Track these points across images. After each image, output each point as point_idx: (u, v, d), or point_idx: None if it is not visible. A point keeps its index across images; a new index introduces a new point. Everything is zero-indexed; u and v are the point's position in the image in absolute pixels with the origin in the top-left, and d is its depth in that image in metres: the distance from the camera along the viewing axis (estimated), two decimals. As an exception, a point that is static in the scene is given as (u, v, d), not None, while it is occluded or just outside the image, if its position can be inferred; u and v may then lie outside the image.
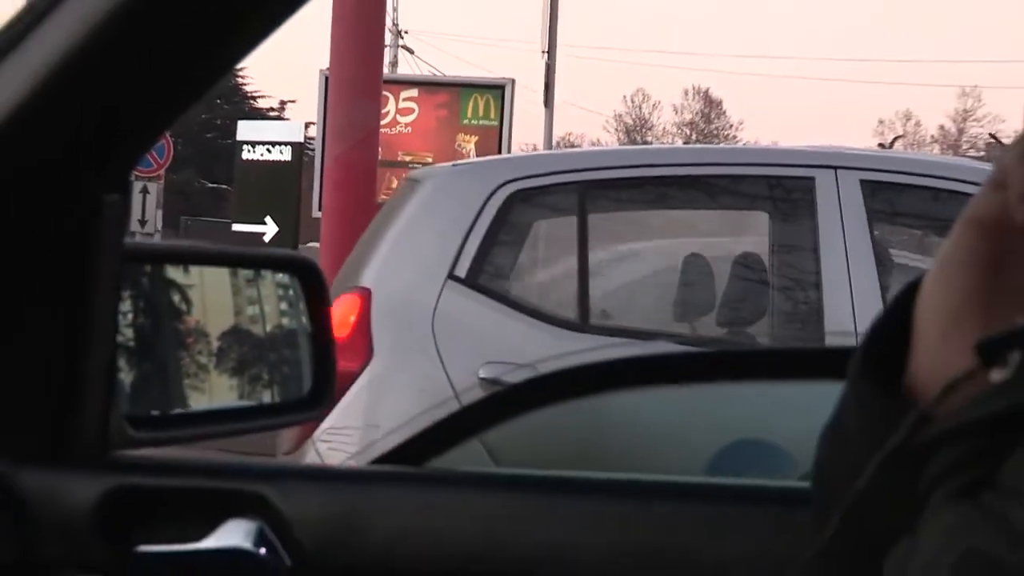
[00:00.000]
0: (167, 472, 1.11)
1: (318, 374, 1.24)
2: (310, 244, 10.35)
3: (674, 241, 4.41)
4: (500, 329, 3.37)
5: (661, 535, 1.00)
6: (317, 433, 3.14)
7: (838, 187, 3.44)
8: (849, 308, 3.41)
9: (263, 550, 0.99)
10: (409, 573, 1.04)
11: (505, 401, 1.64)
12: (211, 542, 0.98)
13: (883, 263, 3.56)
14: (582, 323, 3.44)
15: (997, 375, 0.46)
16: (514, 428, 1.59)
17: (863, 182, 3.44)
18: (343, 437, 3.12)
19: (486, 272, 3.43)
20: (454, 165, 4.59)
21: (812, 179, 3.47)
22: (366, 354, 3.23)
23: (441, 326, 3.26)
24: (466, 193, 3.52)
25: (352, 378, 3.16)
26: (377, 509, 1.08)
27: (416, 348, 3.28)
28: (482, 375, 3.11)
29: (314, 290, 1.22)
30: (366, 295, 3.30)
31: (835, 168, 3.49)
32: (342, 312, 3.23)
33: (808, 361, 1.79)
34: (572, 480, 1.18)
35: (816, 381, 1.37)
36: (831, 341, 3.43)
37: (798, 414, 1.58)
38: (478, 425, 1.49)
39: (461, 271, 3.33)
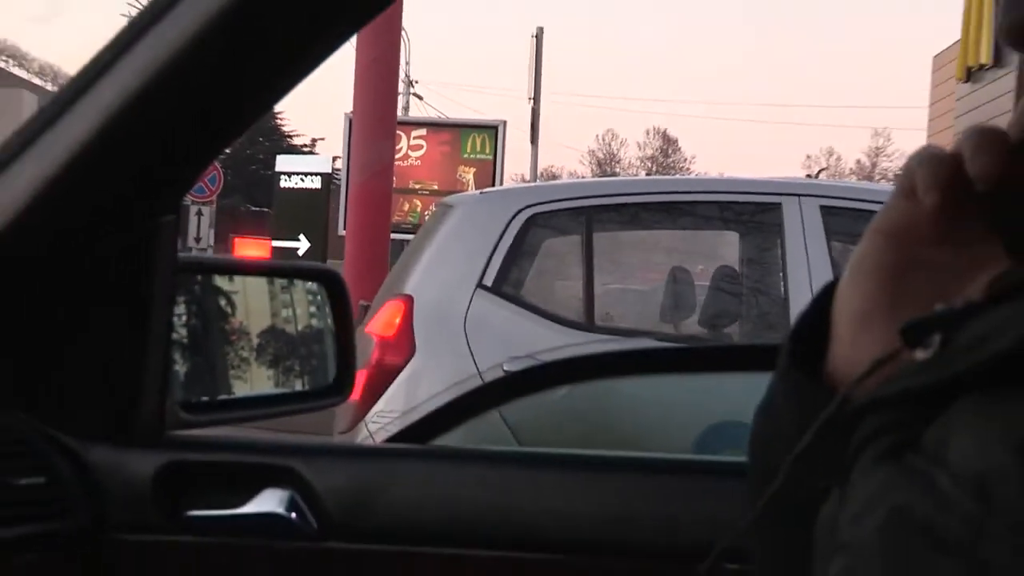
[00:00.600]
0: (213, 449, 1.21)
1: (341, 366, 1.37)
2: (335, 260, 11.47)
3: (657, 256, 4.88)
4: (521, 329, 3.75)
5: (648, 504, 1.09)
6: (368, 416, 3.52)
7: (802, 209, 3.88)
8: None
9: (294, 515, 1.10)
10: (417, 534, 1.13)
11: (495, 388, 1.96)
12: (249, 508, 1.10)
13: (839, 273, 3.96)
14: (589, 324, 3.87)
15: (921, 354, 0.49)
16: (535, 408, 1.97)
17: (822, 207, 3.88)
18: (389, 419, 3.45)
19: (509, 282, 3.84)
20: (481, 193, 5.06)
21: (778, 204, 3.92)
22: (409, 351, 3.66)
23: (471, 327, 3.67)
24: (491, 217, 3.96)
25: (397, 371, 3.63)
26: (390, 481, 1.17)
27: (450, 346, 3.68)
28: (506, 368, 3.43)
29: (338, 296, 1.37)
30: (409, 301, 3.73)
31: (799, 196, 3.95)
32: (389, 315, 3.75)
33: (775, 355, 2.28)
34: (555, 456, 1.29)
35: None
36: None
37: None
38: (472, 410, 1.68)
39: (488, 281, 3.75)
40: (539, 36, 16.43)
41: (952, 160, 0.54)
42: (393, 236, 7.96)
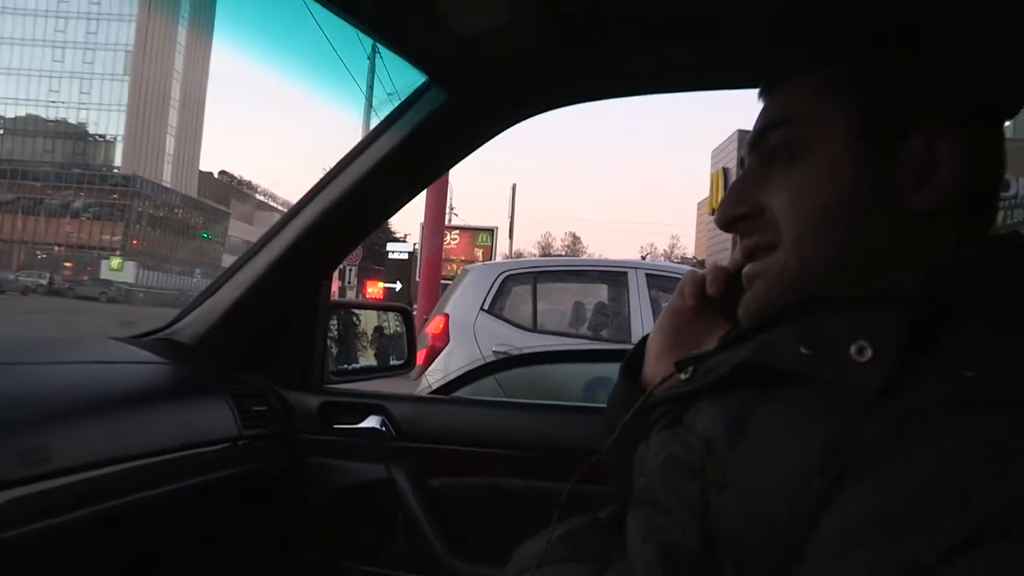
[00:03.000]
0: (347, 395, 1.65)
1: (408, 353, 1.93)
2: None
3: (569, 296, 6.48)
4: (501, 330, 5.40)
5: (571, 427, 1.47)
6: (426, 373, 5.09)
7: (637, 276, 5.68)
8: (640, 330, 5.18)
9: (383, 428, 1.58)
10: (441, 438, 1.56)
11: (485, 368, 2.52)
12: (363, 424, 1.60)
13: (656, 311, 5.37)
14: (534, 328, 5.56)
15: (683, 376, 0.76)
16: (512, 376, 2.55)
17: (647, 274, 5.70)
18: (433, 377, 4.91)
19: (496, 307, 5.53)
20: (483, 264, 6.70)
21: (626, 272, 5.75)
22: (446, 341, 5.36)
23: (478, 330, 5.36)
24: (487, 275, 5.71)
25: (440, 351, 5.31)
26: (429, 412, 1.60)
27: (467, 339, 5.30)
28: (494, 349, 5.12)
29: (408, 319, 1.94)
30: (447, 316, 5.50)
31: (636, 269, 5.78)
32: (437, 322, 5.47)
33: (623, 352, 2.25)
34: (516, 403, 1.64)
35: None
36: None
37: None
38: (478, 376, 2.33)
39: (486, 306, 5.49)
40: (513, 188, 28.76)
41: (701, 280, 0.86)
42: (442, 282, 12.26)
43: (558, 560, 0.82)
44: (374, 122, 1.55)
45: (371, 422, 1.59)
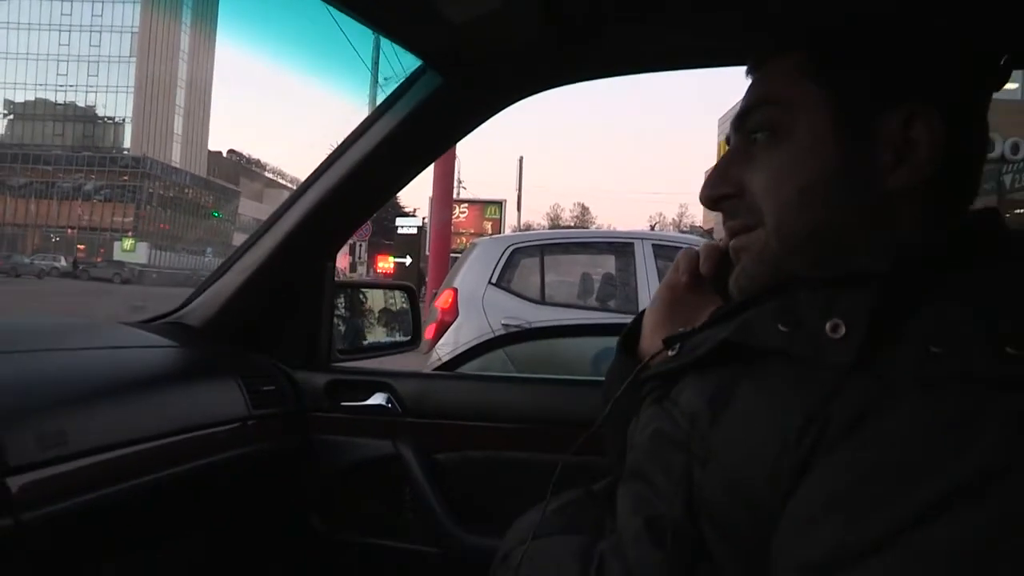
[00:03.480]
0: (352, 372, 1.69)
1: (414, 330, 1.98)
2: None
3: (576, 268, 6.44)
4: (510, 304, 5.42)
5: (573, 400, 1.50)
6: (436, 346, 5.16)
7: (643, 246, 5.72)
8: (647, 301, 5.19)
9: (390, 405, 1.62)
10: (446, 414, 1.59)
11: (494, 341, 2.63)
12: (370, 401, 1.63)
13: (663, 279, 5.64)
14: (542, 300, 5.58)
15: (671, 353, 0.78)
16: (523, 348, 2.67)
17: (654, 245, 5.74)
18: (443, 350, 4.83)
19: (503, 280, 5.55)
20: (491, 237, 7.13)
21: (632, 243, 5.79)
22: (455, 315, 5.39)
23: (486, 304, 5.39)
24: (495, 248, 5.76)
25: (449, 325, 5.35)
26: (433, 389, 1.64)
27: (475, 313, 5.33)
28: (503, 322, 5.17)
29: (412, 297, 2.00)
30: (455, 290, 5.51)
31: (642, 239, 5.83)
32: (446, 296, 5.48)
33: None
34: (518, 377, 1.68)
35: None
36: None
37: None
38: (484, 351, 2.35)
39: (494, 280, 5.51)
40: (520, 161, 28.65)
41: (695, 257, 0.90)
42: (452, 256, 11.92)
43: (553, 532, 0.85)
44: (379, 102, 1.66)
45: (377, 399, 1.62)
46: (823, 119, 0.72)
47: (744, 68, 0.83)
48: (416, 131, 1.50)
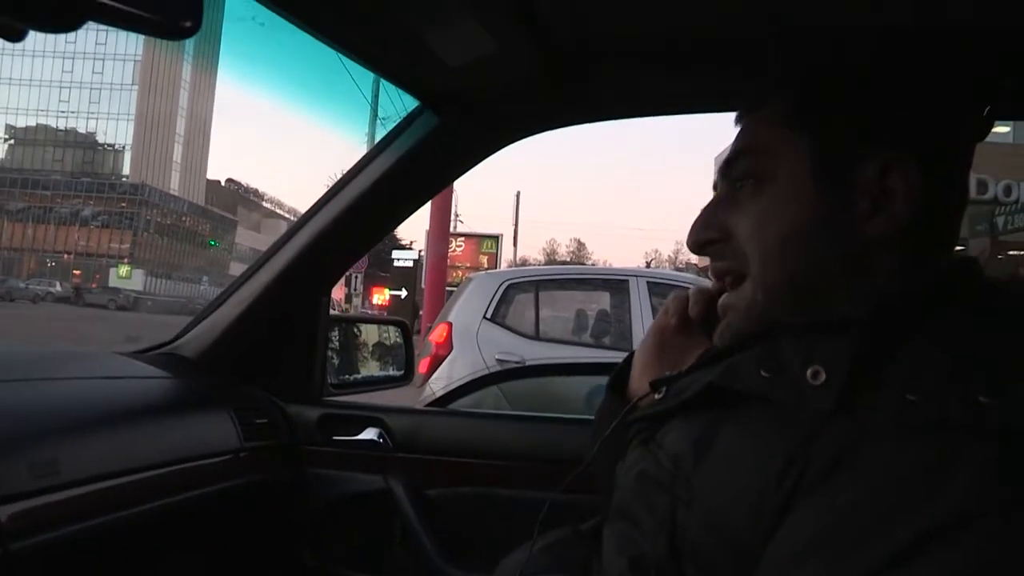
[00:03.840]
0: (346, 406, 1.70)
1: (407, 365, 2.00)
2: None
3: (571, 304, 6.52)
4: (504, 338, 5.41)
5: (565, 438, 1.51)
6: (430, 381, 5.10)
7: (638, 284, 5.72)
8: (641, 338, 5.40)
9: (381, 440, 1.63)
10: (436, 450, 1.60)
11: (488, 378, 2.91)
12: (361, 436, 1.64)
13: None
14: (536, 336, 5.61)
15: (658, 396, 0.80)
16: (517, 385, 2.90)
17: (648, 282, 5.76)
18: (437, 384, 4.90)
19: (498, 315, 5.56)
20: (486, 272, 6.79)
21: (627, 280, 5.81)
22: (449, 349, 5.34)
23: (481, 339, 5.38)
24: (490, 283, 5.76)
25: (443, 359, 5.30)
26: (423, 425, 1.65)
27: (470, 347, 5.29)
28: (497, 357, 5.12)
29: (406, 332, 2.02)
30: (450, 324, 5.52)
31: (637, 276, 5.84)
32: (440, 331, 5.48)
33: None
34: (508, 415, 1.71)
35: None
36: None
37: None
38: (478, 387, 2.48)
39: (488, 315, 5.51)
40: (517, 196, 29.17)
41: (684, 301, 0.91)
42: (448, 289, 11.94)
43: (539, 572, 0.86)
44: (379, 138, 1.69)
45: (369, 434, 1.63)
46: (803, 167, 0.74)
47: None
48: (413, 169, 1.52)
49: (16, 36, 0.47)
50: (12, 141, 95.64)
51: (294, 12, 1.05)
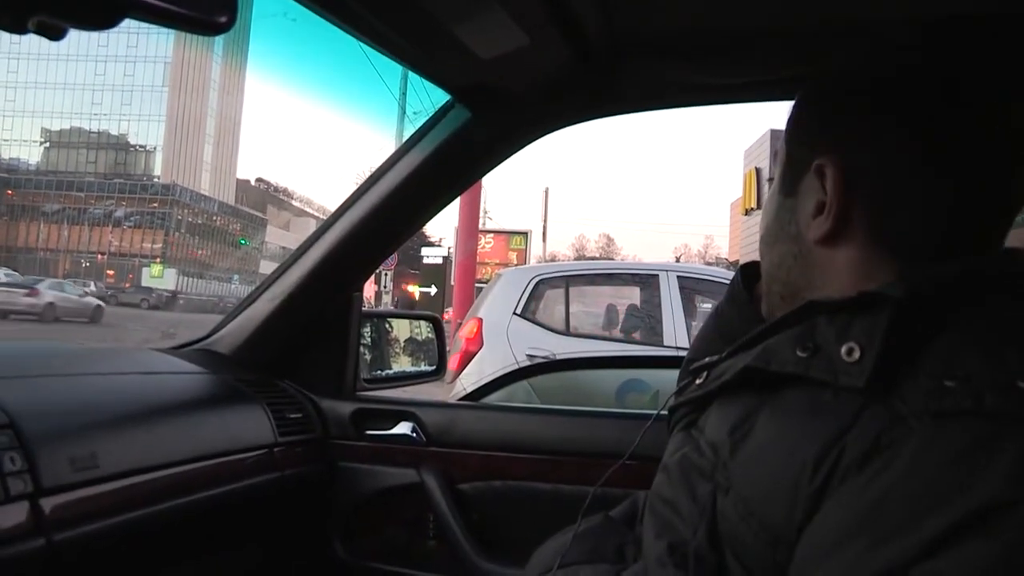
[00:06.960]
0: (379, 401, 1.71)
1: (439, 360, 2.02)
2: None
3: (601, 299, 6.64)
4: (534, 334, 5.46)
5: (596, 432, 1.52)
6: (460, 377, 5.21)
7: (668, 278, 5.72)
8: (672, 332, 5.43)
9: (414, 434, 1.64)
10: (468, 443, 1.60)
11: (519, 372, 2.71)
12: (394, 430, 1.65)
13: (687, 312, 5.63)
14: (567, 331, 5.64)
15: (698, 382, 0.81)
16: (547, 379, 2.79)
17: (678, 277, 5.76)
18: (467, 380, 4.94)
19: (528, 311, 5.61)
20: (516, 267, 6.97)
21: (657, 275, 5.82)
22: (480, 345, 5.43)
23: (511, 334, 5.44)
24: (520, 279, 5.81)
25: (474, 355, 5.39)
26: (457, 419, 1.65)
27: (500, 344, 5.36)
28: (527, 353, 5.19)
29: (438, 327, 2.03)
30: (480, 320, 5.60)
31: (667, 271, 5.84)
32: (471, 327, 5.55)
33: (655, 358, 3.02)
34: (540, 408, 1.68)
35: (659, 367, 2.68)
36: (665, 349, 5.26)
37: (652, 377, 2.81)
38: (509, 382, 2.44)
39: (519, 310, 5.57)
40: (546, 192, 29.45)
41: None
42: (476, 286, 11.91)
43: (578, 560, 0.86)
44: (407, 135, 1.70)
45: (402, 428, 1.63)
46: (781, 172, 0.80)
47: (769, 103, 0.94)
48: (444, 165, 1.52)
49: (56, 35, 0.47)
50: (47, 144, 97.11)
51: (325, 6, 1.06)
